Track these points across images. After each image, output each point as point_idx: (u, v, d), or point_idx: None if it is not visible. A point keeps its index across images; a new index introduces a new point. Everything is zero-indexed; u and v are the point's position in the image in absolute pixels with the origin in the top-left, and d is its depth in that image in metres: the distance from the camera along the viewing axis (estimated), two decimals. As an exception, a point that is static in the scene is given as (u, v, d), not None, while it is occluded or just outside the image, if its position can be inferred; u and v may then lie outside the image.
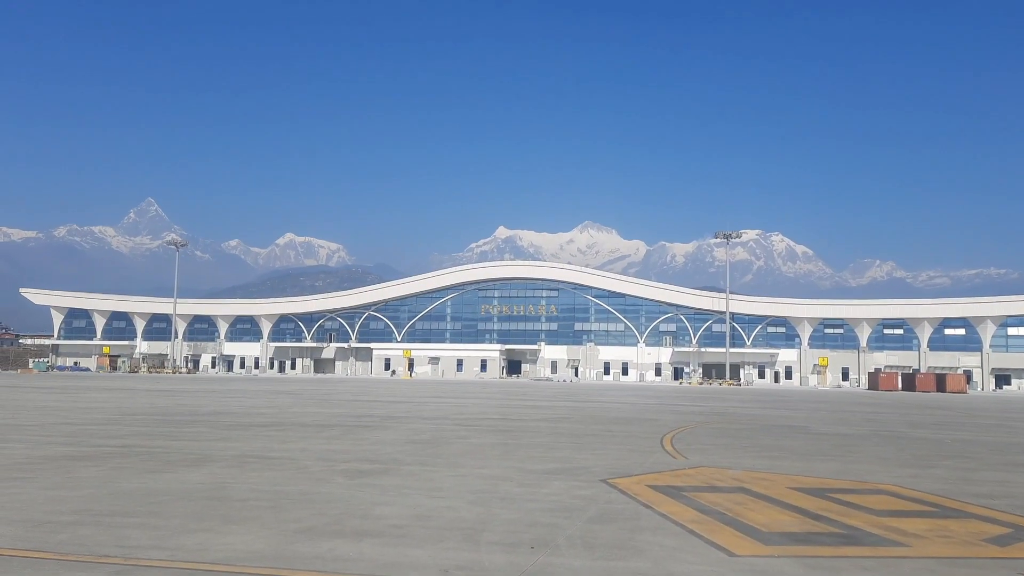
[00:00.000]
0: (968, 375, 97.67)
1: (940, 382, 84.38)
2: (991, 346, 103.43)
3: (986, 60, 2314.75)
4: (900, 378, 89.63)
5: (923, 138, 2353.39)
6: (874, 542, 8.30)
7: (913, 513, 9.99)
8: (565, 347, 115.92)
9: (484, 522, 8.87)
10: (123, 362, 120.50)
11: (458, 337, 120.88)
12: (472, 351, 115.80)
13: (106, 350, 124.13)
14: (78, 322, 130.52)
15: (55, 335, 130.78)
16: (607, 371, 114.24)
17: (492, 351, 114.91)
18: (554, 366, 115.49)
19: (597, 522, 8.97)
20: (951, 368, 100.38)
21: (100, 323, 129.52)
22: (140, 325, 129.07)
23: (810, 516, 9.52)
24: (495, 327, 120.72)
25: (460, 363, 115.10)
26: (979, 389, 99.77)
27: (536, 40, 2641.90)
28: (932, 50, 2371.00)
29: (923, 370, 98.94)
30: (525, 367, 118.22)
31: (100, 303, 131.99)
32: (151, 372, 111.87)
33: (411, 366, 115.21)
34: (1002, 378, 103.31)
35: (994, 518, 9.72)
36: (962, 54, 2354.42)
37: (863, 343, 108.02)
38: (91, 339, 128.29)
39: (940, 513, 10.02)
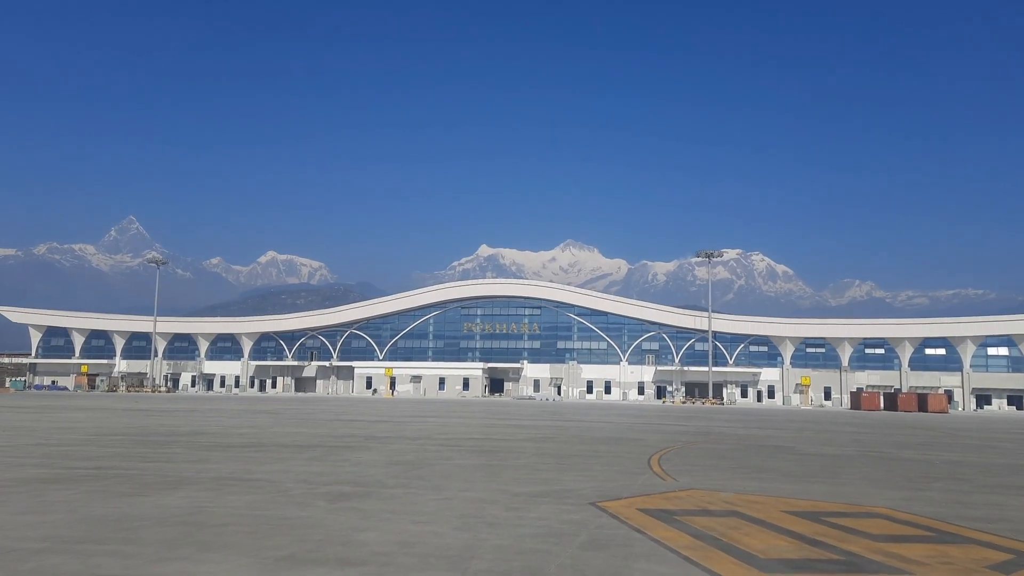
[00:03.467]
0: (949, 395, 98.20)
1: (922, 402, 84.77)
2: (971, 366, 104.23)
3: (963, 85, 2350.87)
4: (882, 398, 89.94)
5: (902, 160, 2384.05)
6: (875, 569, 8.04)
7: (911, 538, 9.74)
8: (548, 365, 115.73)
9: (471, 549, 8.54)
10: (102, 381, 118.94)
11: (440, 355, 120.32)
12: (454, 369, 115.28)
13: (84, 369, 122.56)
14: (56, 340, 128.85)
15: (33, 353, 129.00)
16: (590, 390, 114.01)
17: (474, 369, 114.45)
18: (537, 384, 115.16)
19: (589, 548, 8.65)
20: (932, 388, 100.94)
21: (79, 341, 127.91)
22: (119, 343, 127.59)
23: (807, 541, 9.26)
24: (477, 345, 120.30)
25: (442, 382, 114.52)
26: (960, 409, 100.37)
27: (519, 59, 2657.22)
28: (909, 75, 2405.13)
29: (904, 390, 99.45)
30: (508, 385, 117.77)
31: (79, 321, 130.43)
32: (130, 391, 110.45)
33: (393, 385, 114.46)
34: (982, 398, 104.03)
35: (994, 543, 9.49)
36: (939, 79, 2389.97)
37: (845, 362, 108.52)
38: (69, 358, 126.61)
39: (938, 538, 9.79)
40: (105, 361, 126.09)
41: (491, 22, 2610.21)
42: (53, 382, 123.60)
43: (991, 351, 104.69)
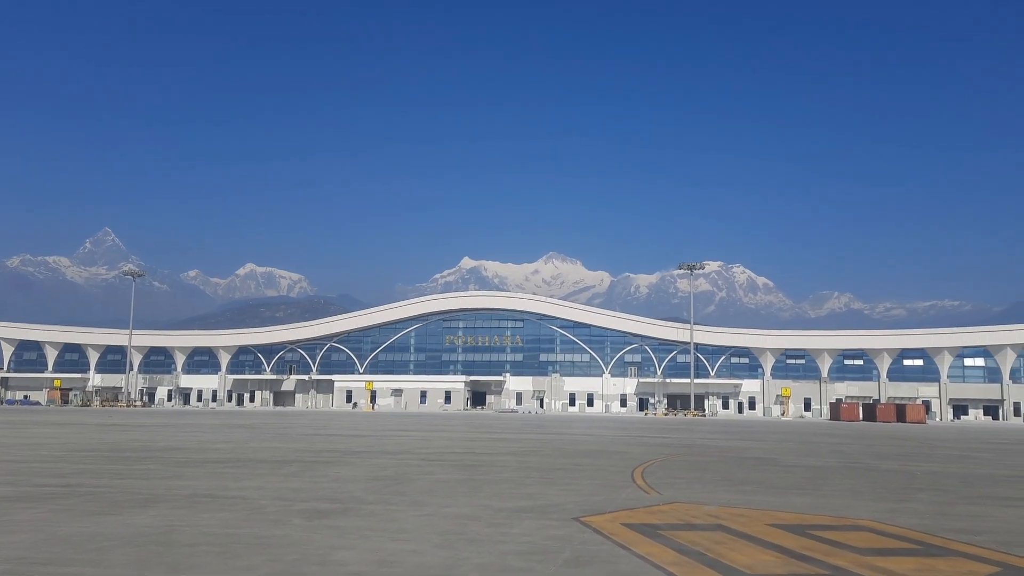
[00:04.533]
0: (927, 405, 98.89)
1: (900, 412, 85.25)
2: (948, 377, 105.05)
3: (940, 96, 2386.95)
4: (861, 408, 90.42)
5: (880, 172, 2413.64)
6: (864, 584, 7.88)
7: (898, 551, 9.61)
8: (530, 378, 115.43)
9: (452, 568, 8.29)
10: (75, 395, 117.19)
11: (422, 369, 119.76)
12: (436, 383, 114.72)
13: (57, 383, 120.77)
14: (29, 354, 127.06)
15: (4, 368, 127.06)
16: (572, 402, 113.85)
17: (456, 383, 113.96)
18: (519, 397, 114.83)
19: (573, 566, 8.43)
20: (910, 398, 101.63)
21: (52, 355, 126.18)
22: (94, 357, 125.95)
23: (794, 556, 9.09)
24: (459, 358, 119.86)
25: (424, 395, 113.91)
26: (938, 419, 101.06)
27: (500, 73, 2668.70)
28: (887, 85, 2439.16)
29: (883, 400, 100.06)
30: (490, 399, 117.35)
31: (52, 335, 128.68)
32: (104, 406, 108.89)
33: (373, 398, 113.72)
34: (959, 408, 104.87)
35: (980, 556, 9.37)
36: (917, 88, 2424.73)
37: (824, 373, 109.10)
38: (42, 372, 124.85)
39: (924, 551, 9.66)
40: (79, 375, 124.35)
41: (470, 35, 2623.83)
42: (25, 397, 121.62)
43: (968, 362, 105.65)
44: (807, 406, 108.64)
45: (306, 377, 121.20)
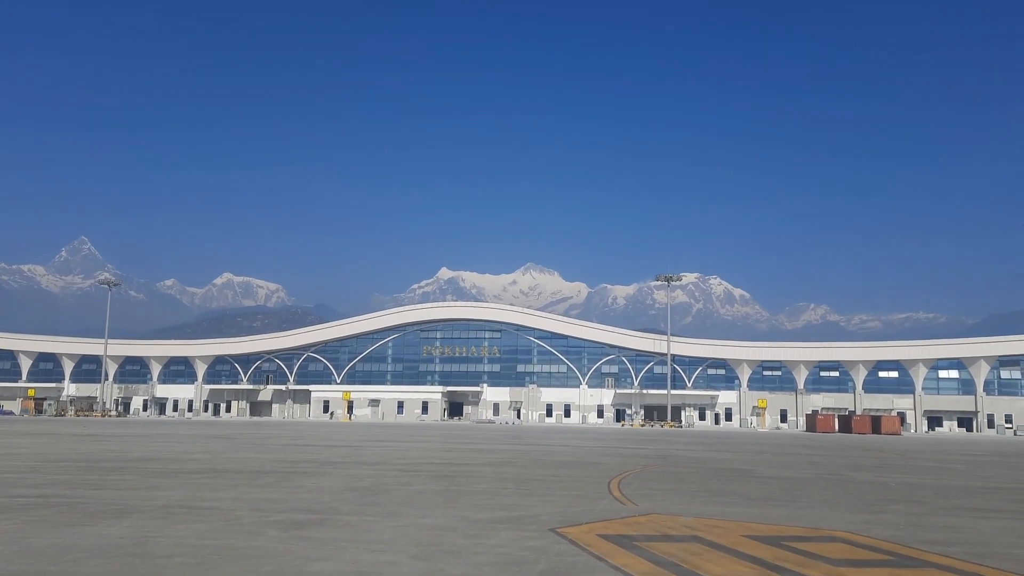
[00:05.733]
0: (902, 417, 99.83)
1: (875, 424, 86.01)
2: (923, 388, 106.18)
3: (917, 110, 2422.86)
4: (837, 420, 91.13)
5: (856, 186, 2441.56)
6: (836, 595, 7.97)
7: (870, 563, 9.72)
8: (508, 389, 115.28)
9: (429, 579, 8.29)
10: (49, 405, 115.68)
11: (399, 379, 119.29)
12: (413, 393, 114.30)
13: (31, 392, 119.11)
14: (2, 363, 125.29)
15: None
16: (549, 413, 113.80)
17: (433, 393, 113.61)
18: (496, 408, 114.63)
19: (549, 577, 8.47)
20: (885, 410, 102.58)
21: (26, 364, 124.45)
22: (68, 367, 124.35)
23: (768, 567, 9.17)
24: (437, 369, 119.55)
25: (401, 405, 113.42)
26: (912, 431, 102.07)
27: (478, 83, 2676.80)
28: (863, 99, 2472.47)
29: (859, 412, 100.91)
30: (467, 409, 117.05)
31: (25, 343, 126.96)
32: (79, 415, 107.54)
33: (350, 409, 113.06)
34: (934, 420, 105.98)
35: (953, 567, 9.50)
36: (892, 104, 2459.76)
37: (800, 385, 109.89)
38: (16, 381, 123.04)
39: (898, 562, 9.78)
40: (53, 385, 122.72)
41: (448, 45, 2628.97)
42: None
43: (942, 374, 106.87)
44: (783, 417, 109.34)
45: (283, 387, 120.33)
